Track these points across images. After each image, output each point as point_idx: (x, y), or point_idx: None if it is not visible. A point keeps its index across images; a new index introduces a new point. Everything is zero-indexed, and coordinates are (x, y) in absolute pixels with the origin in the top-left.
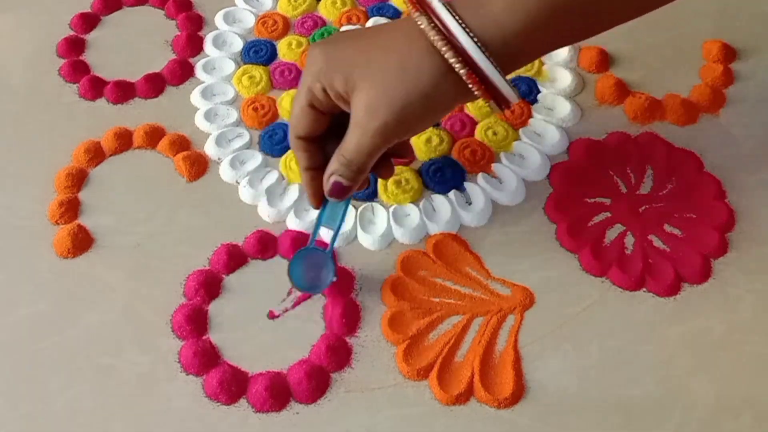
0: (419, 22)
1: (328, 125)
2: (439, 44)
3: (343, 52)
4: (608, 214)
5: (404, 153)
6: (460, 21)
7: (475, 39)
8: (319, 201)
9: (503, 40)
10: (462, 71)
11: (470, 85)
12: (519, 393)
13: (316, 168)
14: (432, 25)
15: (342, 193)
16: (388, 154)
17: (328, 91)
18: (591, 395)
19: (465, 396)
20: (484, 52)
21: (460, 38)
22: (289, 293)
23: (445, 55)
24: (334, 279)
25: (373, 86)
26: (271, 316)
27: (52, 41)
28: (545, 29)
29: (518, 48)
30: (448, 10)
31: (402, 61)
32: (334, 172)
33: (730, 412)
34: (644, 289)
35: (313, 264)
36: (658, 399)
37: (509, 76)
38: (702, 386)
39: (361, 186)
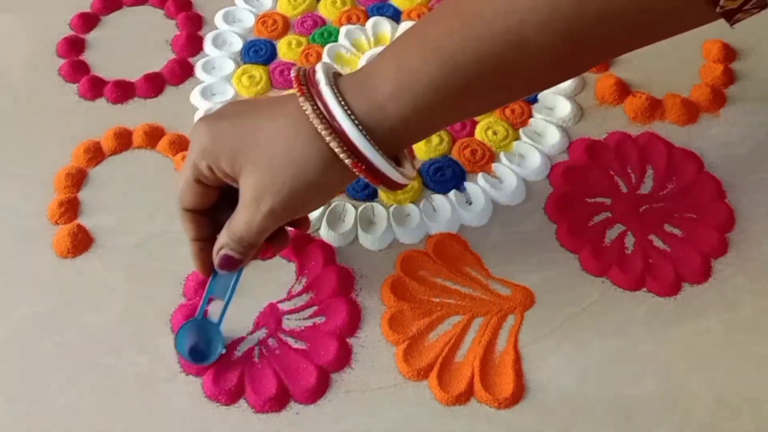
0: (304, 108)
1: (217, 197)
2: (324, 133)
3: (228, 132)
4: (608, 214)
5: (300, 224)
6: (345, 107)
7: (360, 126)
8: (209, 271)
9: (390, 126)
10: (347, 161)
11: (357, 173)
12: (519, 393)
13: (204, 239)
14: (317, 111)
15: (232, 266)
16: (282, 226)
17: (214, 169)
18: (591, 395)
19: (465, 396)
20: (368, 141)
21: (343, 125)
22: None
23: (330, 144)
24: (223, 351)
25: (259, 171)
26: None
27: (51, 41)
28: (434, 112)
29: (407, 132)
30: (334, 93)
31: (288, 148)
32: (224, 246)
33: (730, 412)
34: (644, 289)
35: (202, 336)
36: (658, 399)
37: None
38: (702, 386)
39: (254, 256)
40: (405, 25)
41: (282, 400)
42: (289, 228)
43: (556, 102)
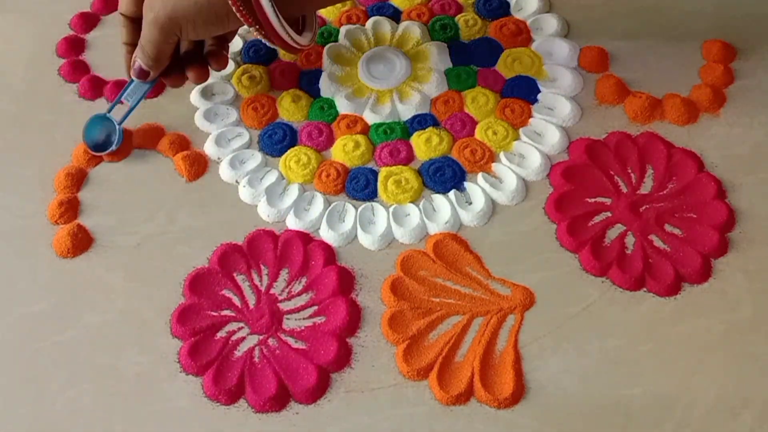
0: None
1: None
2: None
3: None
4: (608, 214)
5: (215, 60)
6: None
7: None
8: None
9: None
10: None
11: (231, 4)
12: (519, 393)
13: (133, 44)
14: None
15: (142, 75)
16: (199, 58)
17: None
18: (591, 395)
19: (465, 396)
20: None
21: None
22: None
23: None
24: (115, 148)
25: None
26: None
27: (51, 41)
28: None
29: None
30: None
31: None
32: (136, 56)
33: (730, 412)
34: (644, 289)
35: (105, 128)
36: (658, 399)
37: None
38: (702, 386)
39: (176, 82)
40: (405, 25)
41: (282, 400)
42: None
43: (556, 102)
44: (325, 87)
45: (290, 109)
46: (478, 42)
